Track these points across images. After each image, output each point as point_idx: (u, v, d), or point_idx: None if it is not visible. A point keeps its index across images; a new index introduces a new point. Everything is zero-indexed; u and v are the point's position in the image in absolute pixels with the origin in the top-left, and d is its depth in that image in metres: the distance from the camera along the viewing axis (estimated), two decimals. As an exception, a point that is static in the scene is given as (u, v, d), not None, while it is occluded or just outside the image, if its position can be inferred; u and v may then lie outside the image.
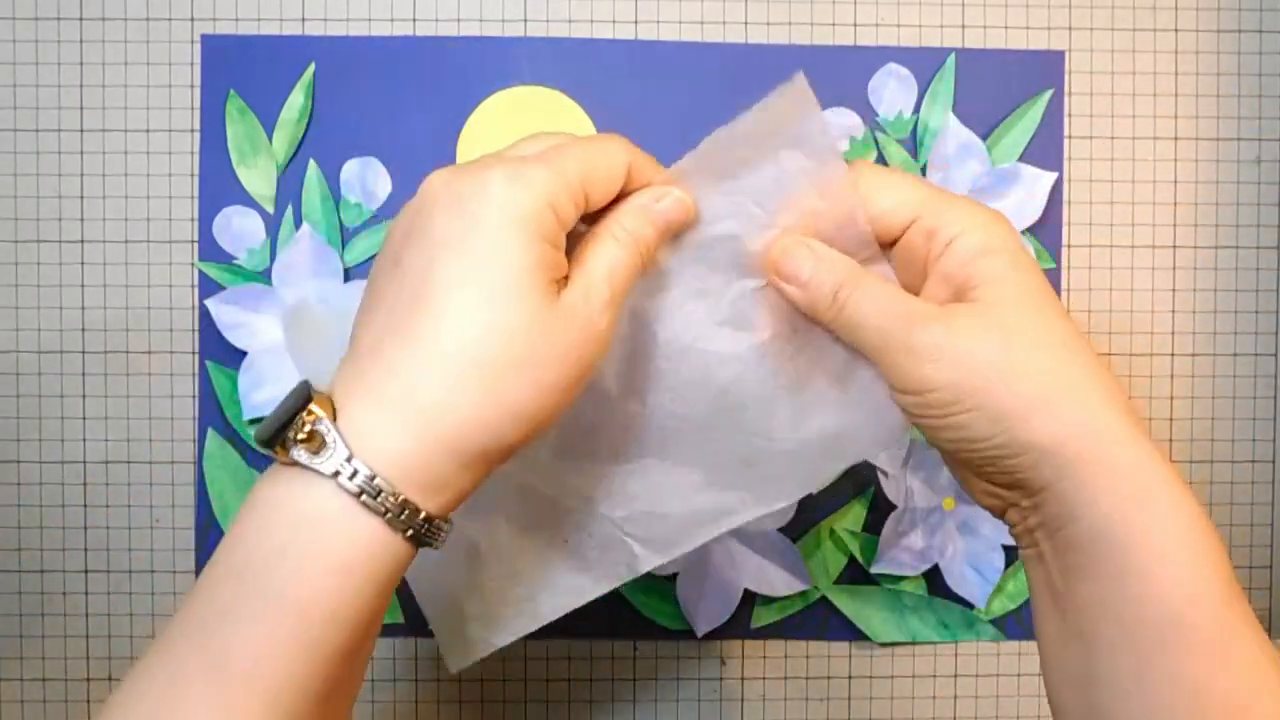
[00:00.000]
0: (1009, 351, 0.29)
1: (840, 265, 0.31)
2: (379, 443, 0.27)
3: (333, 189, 0.47)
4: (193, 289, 0.47)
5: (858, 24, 0.48)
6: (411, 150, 0.47)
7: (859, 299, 0.31)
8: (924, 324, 0.30)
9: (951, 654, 0.49)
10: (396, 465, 0.27)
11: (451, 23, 0.47)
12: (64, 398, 0.47)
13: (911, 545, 0.47)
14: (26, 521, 0.47)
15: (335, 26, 0.47)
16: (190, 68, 0.47)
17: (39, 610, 0.48)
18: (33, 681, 0.48)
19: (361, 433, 0.27)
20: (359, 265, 0.47)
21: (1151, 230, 0.49)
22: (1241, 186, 0.49)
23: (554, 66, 0.47)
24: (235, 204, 0.47)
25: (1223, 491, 0.49)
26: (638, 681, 0.49)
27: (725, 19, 0.48)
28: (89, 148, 0.47)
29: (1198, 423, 0.49)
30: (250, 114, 0.47)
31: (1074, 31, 0.48)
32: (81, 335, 0.47)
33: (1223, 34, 0.49)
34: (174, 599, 0.48)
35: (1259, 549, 0.50)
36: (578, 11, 0.48)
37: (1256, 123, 0.49)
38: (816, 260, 0.31)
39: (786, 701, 0.49)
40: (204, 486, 0.47)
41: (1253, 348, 0.49)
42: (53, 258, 0.47)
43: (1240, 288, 0.49)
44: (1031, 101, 0.48)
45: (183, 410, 0.47)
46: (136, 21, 0.47)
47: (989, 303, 0.29)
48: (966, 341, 0.29)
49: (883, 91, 0.48)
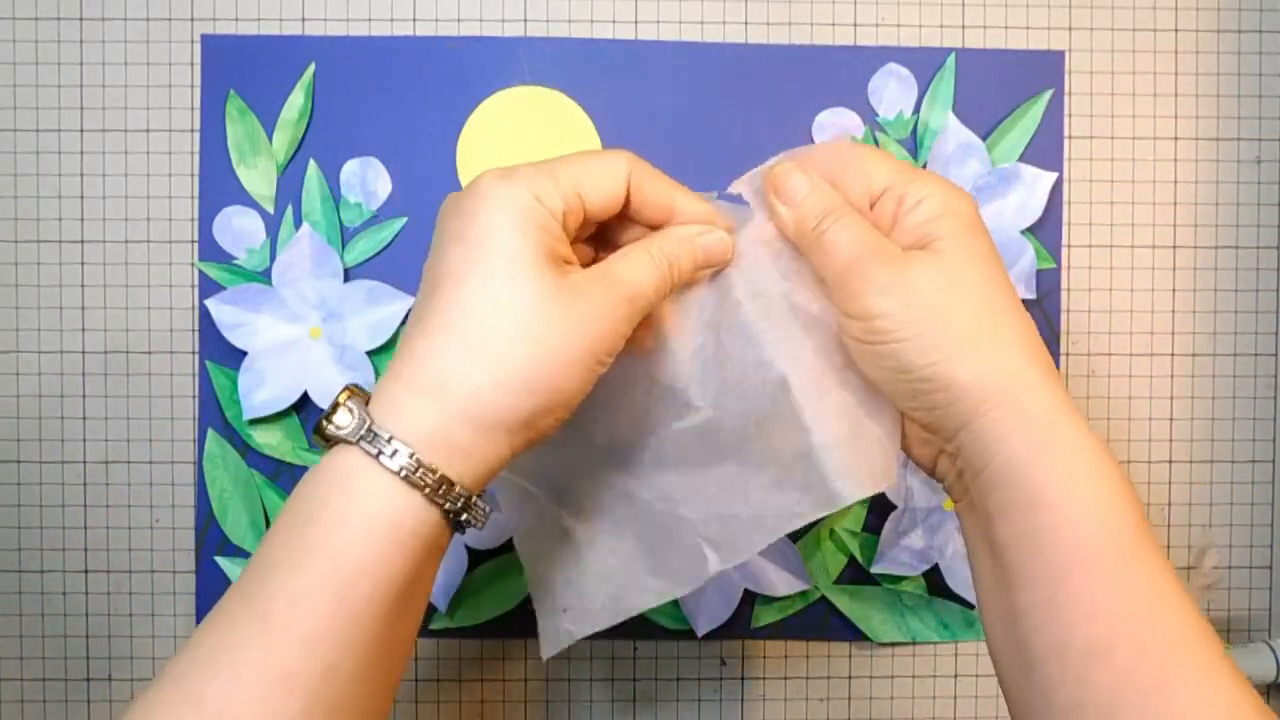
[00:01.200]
0: (948, 295, 0.33)
1: (829, 196, 0.35)
2: (398, 412, 0.30)
3: (333, 189, 0.47)
4: (193, 289, 0.47)
5: (858, 24, 0.48)
6: (411, 150, 0.47)
7: (839, 228, 0.34)
8: (886, 260, 0.33)
9: (951, 654, 0.49)
10: (414, 431, 0.30)
11: (451, 23, 0.47)
12: (64, 398, 0.47)
13: (911, 545, 0.47)
14: (26, 521, 0.47)
15: (335, 26, 0.47)
16: (190, 68, 0.47)
17: (39, 610, 0.48)
18: (33, 681, 0.48)
19: (383, 405, 0.31)
20: (359, 265, 0.47)
21: (1151, 230, 0.49)
22: (1241, 186, 0.49)
23: (554, 66, 0.47)
24: (235, 204, 0.47)
25: (1223, 491, 0.49)
26: (638, 681, 0.49)
27: (725, 19, 0.48)
28: (89, 148, 0.47)
29: (1198, 423, 0.49)
30: (250, 114, 0.47)
31: (1074, 31, 0.48)
32: (81, 335, 0.47)
33: (1223, 34, 0.49)
34: (174, 599, 0.48)
35: (1259, 549, 0.50)
36: (578, 11, 0.48)
37: (1256, 123, 0.49)
38: (811, 188, 0.35)
39: (786, 701, 0.49)
40: (204, 486, 0.47)
41: (1253, 348, 0.49)
42: (53, 258, 0.47)
43: (1240, 288, 0.49)
44: (1031, 101, 0.48)
45: (183, 410, 0.47)
46: (136, 21, 0.47)
47: (940, 253, 0.33)
48: (916, 279, 0.33)
49: (883, 91, 0.48)
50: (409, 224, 0.47)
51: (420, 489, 0.30)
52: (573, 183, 0.33)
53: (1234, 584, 0.50)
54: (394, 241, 0.47)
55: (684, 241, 0.35)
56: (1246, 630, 0.50)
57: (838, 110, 0.47)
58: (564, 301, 0.31)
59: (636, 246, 0.34)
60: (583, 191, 0.33)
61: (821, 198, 0.35)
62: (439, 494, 0.30)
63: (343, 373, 0.46)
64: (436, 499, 0.30)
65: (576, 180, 0.33)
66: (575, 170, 0.33)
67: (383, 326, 0.46)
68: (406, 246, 0.47)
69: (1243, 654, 0.48)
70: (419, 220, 0.47)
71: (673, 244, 0.35)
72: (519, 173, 0.32)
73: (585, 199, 0.33)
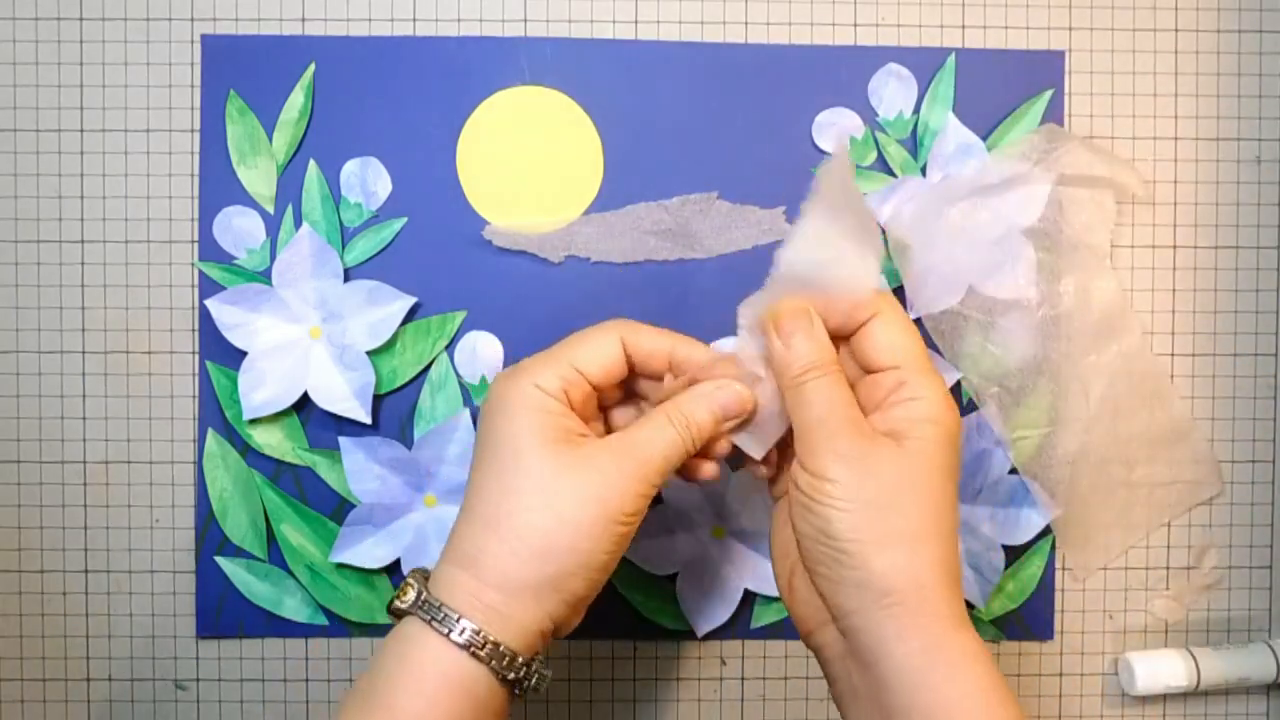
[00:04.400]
0: (898, 489, 0.35)
1: (822, 350, 0.36)
2: (447, 586, 0.35)
3: (333, 189, 0.47)
4: (193, 289, 0.47)
5: (858, 24, 0.48)
6: (411, 150, 0.47)
7: (819, 386, 0.36)
8: (855, 432, 0.35)
9: (951, 654, 0.49)
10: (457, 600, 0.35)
11: (451, 23, 0.47)
12: (64, 398, 0.47)
13: (911, 545, 0.47)
14: (26, 521, 0.47)
15: (335, 26, 0.47)
16: (190, 68, 0.47)
17: (39, 610, 0.48)
18: (33, 681, 0.48)
19: (436, 582, 0.36)
20: (359, 265, 0.47)
21: (1151, 230, 0.49)
22: (1241, 186, 0.49)
23: (554, 66, 0.47)
24: (235, 204, 0.47)
25: (1223, 491, 0.49)
26: (638, 681, 0.49)
27: (725, 19, 0.48)
28: (89, 148, 0.47)
29: (1198, 423, 0.49)
30: (250, 114, 0.47)
31: (1074, 31, 0.48)
32: (81, 335, 0.47)
33: (1223, 34, 0.49)
34: (174, 599, 0.48)
35: (1259, 549, 0.50)
36: (578, 11, 0.48)
37: (1256, 123, 0.49)
38: (808, 335, 0.37)
39: (786, 701, 0.49)
40: (204, 486, 0.47)
41: (1253, 348, 0.49)
42: (53, 258, 0.47)
43: (1240, 288, 0.49)
44: (1031, 101, 0.48)
45: (183, 410, 0.47)
46: (136, 21, 0.47)
47: (908, 452, 0.35)
48: (876, 463, 0.35)
49: (883, 91, 0.48)
50: (409, 224, 0.47)
51: (465, 649, 0.34)
52: (569, 362, 0.37)
53: (1234, 584, 0.50)
54: (394, 241, 0.47)
55: (701, 398, 0.37)
56: (1246, 630, 0.50)
57: (838, 110, 0.47)
58: (573, 473, 0.35)
59: (658, 409, 0.37)
60: (580, 367, 0.37)
61: (813, 349, 0.36)
62: (493, 657, 0.34)
63: (343, 373, 0.46)
64: (486, 658, 0.34)
65: (572, 359, 0.37)
66: (571, 350, 0.37)
67: (383, 326, 0.46)
68: (406, 246, 0.47)
69: (1243, 654, 0.48)
70: (419, 220, 0.47)
71: (690, 403, 0.37)
72: (521, 368, 0.37)
73: (585, 372, 0.37)
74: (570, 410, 0.37)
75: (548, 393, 0.36)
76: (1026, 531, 0.47)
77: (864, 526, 0.34)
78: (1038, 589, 0.48)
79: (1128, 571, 0.49)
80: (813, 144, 0.47)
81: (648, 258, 0.47)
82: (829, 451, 0.35)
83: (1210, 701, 0.50)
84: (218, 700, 0.48)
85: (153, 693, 0.48)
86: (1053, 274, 0.47)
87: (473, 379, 0.47)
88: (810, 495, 0.35)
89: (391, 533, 0.46)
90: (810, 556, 0.36)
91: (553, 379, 0.36)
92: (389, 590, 0.47)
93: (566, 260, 0.47)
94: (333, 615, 0.47)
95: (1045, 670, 0.49)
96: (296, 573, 0.47)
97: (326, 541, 0.47)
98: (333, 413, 0.46)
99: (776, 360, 0.37)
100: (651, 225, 0.47)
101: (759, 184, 0.47)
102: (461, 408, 0.47)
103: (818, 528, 0.35)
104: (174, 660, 0.48)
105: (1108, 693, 0.49)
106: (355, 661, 0.48)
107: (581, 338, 0.38)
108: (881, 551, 0.34)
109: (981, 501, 0.47)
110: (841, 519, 0.34)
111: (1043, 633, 0.49)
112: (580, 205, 0.47)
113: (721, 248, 0.47)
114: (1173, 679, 0.47)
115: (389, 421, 0.47)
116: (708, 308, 0.47)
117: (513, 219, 0.47)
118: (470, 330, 0.47)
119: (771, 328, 0.37)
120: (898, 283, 0.47)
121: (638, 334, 0.38)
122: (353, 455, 0.46)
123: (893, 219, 0.46)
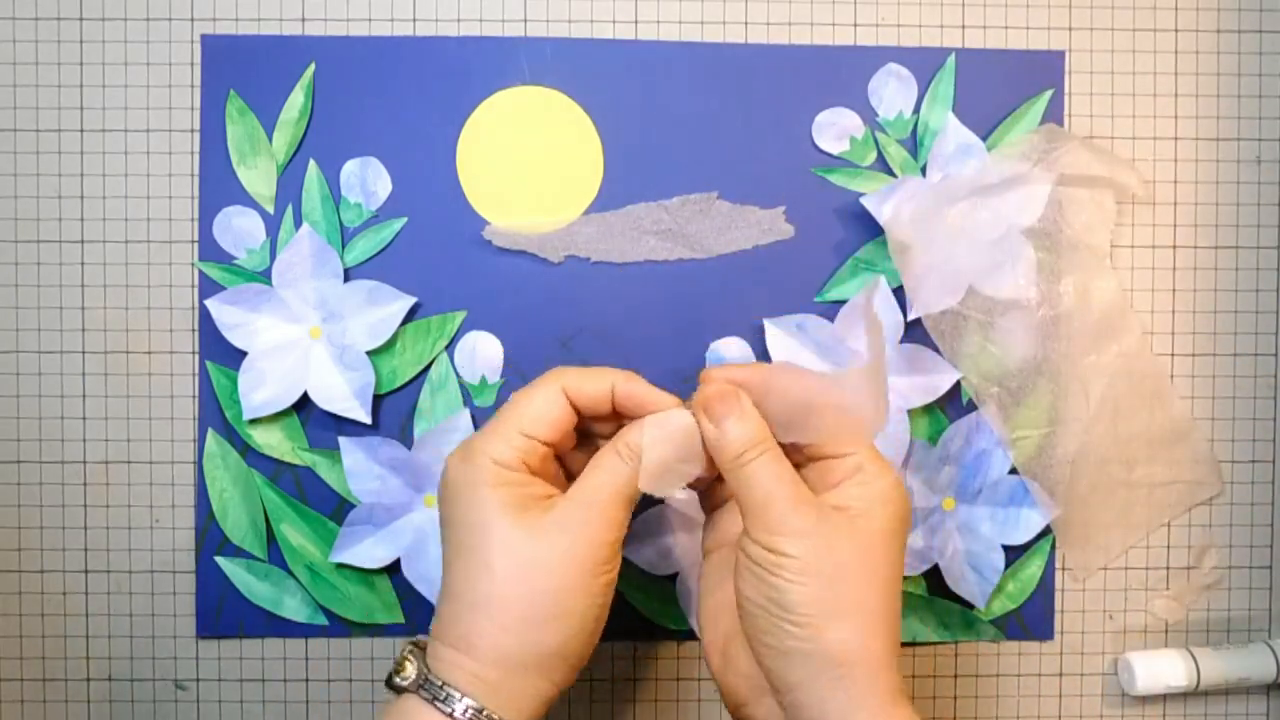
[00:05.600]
0: (849, 565, 0.35)
1: (756, 430, 0.36)
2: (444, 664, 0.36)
3: (333, 189, 0.47)
4: (193, 289, 0.47)
5: (858, 24, 0.48)
6: (411, 150, 0.47)
7: (759, 465, 0.36)
8: (805, 508, 0.35)
9: (951, 654, 0.49)
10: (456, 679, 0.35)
11: (451, 23, 0.47)
12: (64, 398, 0.47)
13: (911, 545, 0.47)
14: (26, 521, 0.47)
15: (335, 26, 0.47)
16: (190, 68, 0.47)
17: (39, 610, 0.48)
18: (33, 681, 0.48)
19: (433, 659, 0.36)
20: (359, 265, 0.47)
21: (1151, 230, 0.49)
22: (1241, 186, 0.49)
23: (554, 66, 0.47)
24: (235, 204, 0.47)
25: (1223, 491, 0.49)
26: (638, 681, 0.49)
27: (725, 19, 0.48)
28: (89, 148, 0.47)
29: (1198, 423, 0.49)
30: (250, 114, 0.47)
31: (1074, 31, 0.48)
32: (81, 335, 0.47)
33: (1223, 34, 0.49)
34: (174, 599, 0.48)
35: (1259, 549, 0.50)
36: (578, 11, 0.48)
37: (1256, 123, 0.49)
38: (740, 417, 0.36)
39: (786, 701, 0.49)
40: (204, 486, 0.47)
41: (1253, 348, 0.49)
42: (53, 258, 0.47)
43: (1240, 288, 0.49)
44: (1031, 101, 0.48)
45: (183, 410, 0.47)
46: (136, 21, 0.47)
47: (860, 530, 0.35)
48: (829, 539, 0.35)
49: (883, 91, 0.48)
50: (409, 224, 0.47)
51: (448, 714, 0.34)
52: (516, 427, 0.37)
53: (1234, 584, 0.50)
54: (394, 241, 0.47)
55: (646, 426, 0.37)
56: (1246, 630, 0.50)
57: (838, 110, 0.47)
58: (543, 538, 0.35)
59: (606, 446, 0.37)
60: (529, 431, 0.37)
61: (747, 430, 0.36)
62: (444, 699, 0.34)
63: (342, 373, 0.46)
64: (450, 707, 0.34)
65: (520, 425, 0.37)
66: (517, 415, 0.37)
67: (383, 326, 0.46)
68: (406, 246, 0.47)
69: (1243, 654, 0.48)
70: (419, 220, 0.47)
71: (634, 432, 0.37)
72: (473, 447, 0.37)
73: (535, 436, 0.37)
74: (531, 476, 0.37)
75: (505, 465, 0.36)
76: (1026, 531, 0.47)
77: (818, 599, 0.34)
78: (1038, 589, 0.48)
79: (1128, 571, 0.49)
80: (813, 144, 0.47)
81: (648, 258, 0.47)
82: (784, 529, 0.35)
83: (1210, 701, 0.50)
84: (218, 700, 0.48)
85: (153, 693, 0.48)
86: (1053, 274, 0.47)
87: (473, 379, 0.47)
88: (763, 566, 0.35)
89: (391, 533, 0.46)
90: (756, 626, 0.36)
91: (506, 450, 0.36)
92: (389, 590, 0.47)
93: (566, 260, 0.47)
94: (333, 615, 0.47)
95: (1045, 670, 0.49)
96: (296, 573, 0.47)
97: (326, 541, 0.47)
98: (333, 413, 0.46)
99: (710, 444, 0.37)
100: (651, 225, 0.47)
101: (759, 184, 0.47)
102: (461, 408, 0.47)
103: (769, 598, 0.35)
104: (174, 660, 0.48)
105: (1108, 693, 0.49)
106: (355, 661, 0.48)
107: (525, 398, 0.38)
108: (834, 624, 0.34)
109: (981, 501, 0.47)
110: (796, 590, 0.34)
111: (1043, 633, 0.49)
112: (580, 205, 0.47)
113: (721, 248, 0.47)
114: (1173, 679, 0.47)
115: (389, 421, 0.47)
116: (708, 308, 0.47)
117: (513, 219, 0.47)
118: (470, 330, 0.47)
119: (701, 413, 0.37)
120: (898, 283, 0.47)
121: (579, 380, 0.38)
122: (353, 455, 0.46)
123: (893, 219, 0.46)
